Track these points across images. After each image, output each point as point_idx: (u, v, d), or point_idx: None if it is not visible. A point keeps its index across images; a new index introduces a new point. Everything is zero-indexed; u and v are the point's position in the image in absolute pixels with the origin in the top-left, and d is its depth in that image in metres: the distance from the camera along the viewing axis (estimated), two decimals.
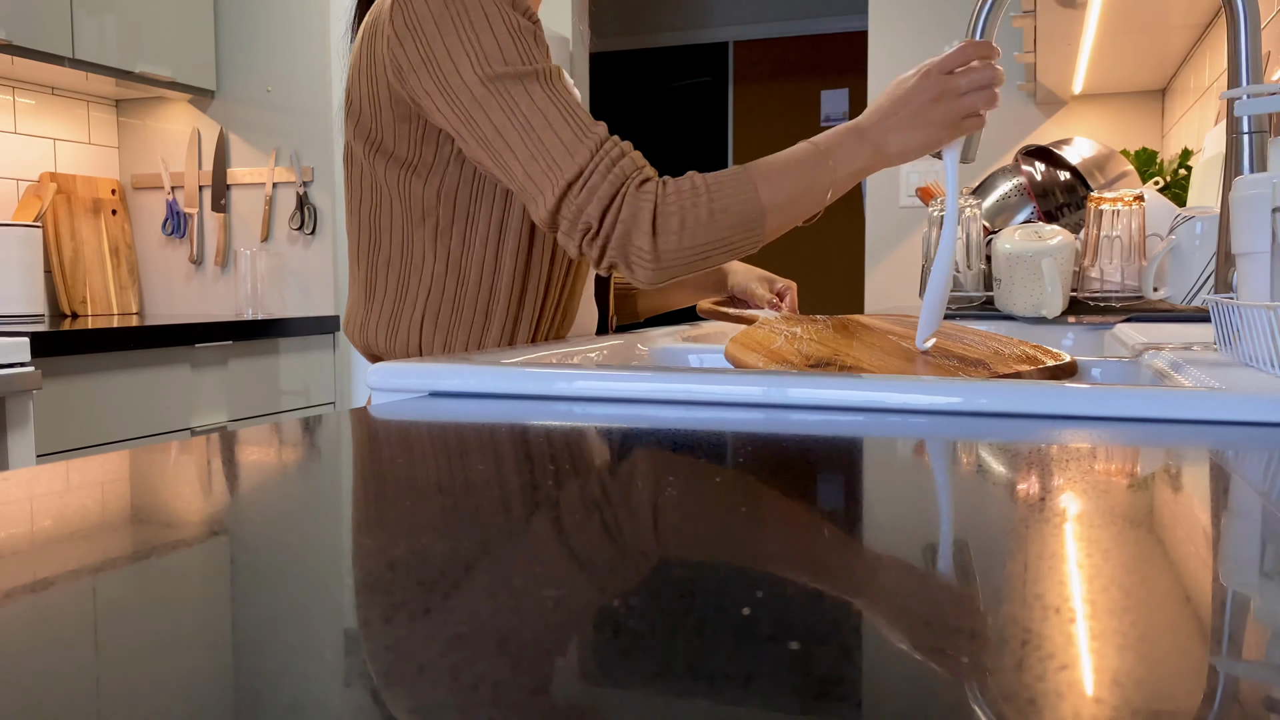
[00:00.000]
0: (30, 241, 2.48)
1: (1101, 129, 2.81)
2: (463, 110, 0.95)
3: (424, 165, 1.03)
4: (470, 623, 0.26)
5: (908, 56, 2.98)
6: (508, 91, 0.94)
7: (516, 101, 0.94)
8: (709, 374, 0.68)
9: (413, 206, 1.05)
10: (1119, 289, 1.44)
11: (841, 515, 0.38)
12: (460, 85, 0.95)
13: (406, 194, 1.05)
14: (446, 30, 0.95)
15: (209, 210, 2.93)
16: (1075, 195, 1.84)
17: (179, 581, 0.30)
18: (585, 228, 0.94)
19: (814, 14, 5.15)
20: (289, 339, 2.67)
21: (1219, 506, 0.39)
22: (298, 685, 0.22)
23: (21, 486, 0.44)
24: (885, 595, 0.28)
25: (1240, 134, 1.03)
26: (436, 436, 0.56)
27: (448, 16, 0.95)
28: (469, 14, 0.95)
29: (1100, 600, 0.27)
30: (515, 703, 0.21)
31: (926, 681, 0.22)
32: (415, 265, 1.06)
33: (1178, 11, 1.97)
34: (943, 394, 0.63)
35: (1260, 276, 0.76)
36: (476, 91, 0.94)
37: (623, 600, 0.28)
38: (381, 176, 1.06)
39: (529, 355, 0.89)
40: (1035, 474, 0.44)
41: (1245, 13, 1.02)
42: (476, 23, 0.95)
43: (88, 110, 2.87)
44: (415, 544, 0.33)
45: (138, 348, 2.22)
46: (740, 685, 0.22)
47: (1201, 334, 1.07)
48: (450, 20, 0.95)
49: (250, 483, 0.45)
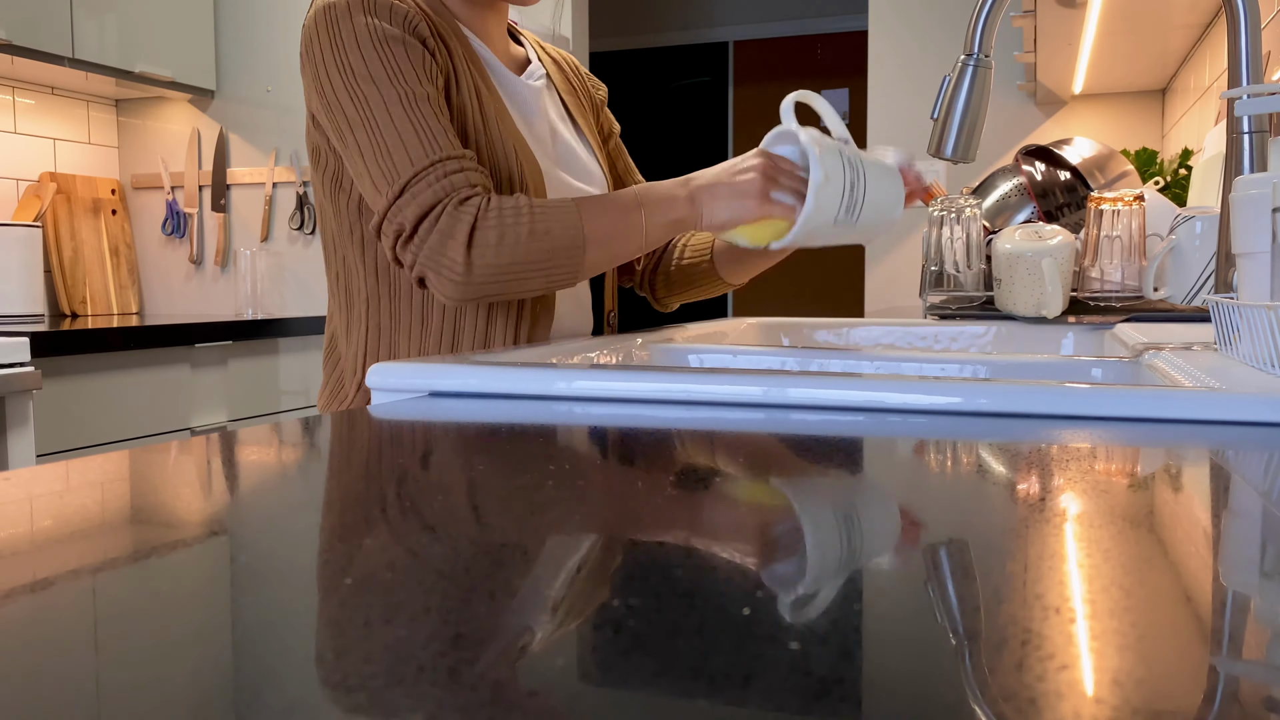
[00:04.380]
0: (30, 241, 2.47)
1: (1101, 129, 2.81)
2: (336, 126, 0.99)
3: (345, 177, 1.06)
4: (470, 623, 0.26)
5: (907, 56, 2.98)
6: (370, 110, 0.97)
7: (376, 119, 0.97)
8: (709, 374, 0.68)
9: (342, 219, 1.08)
10: (1119, 289, 1.44)
11: (841, 516, 0.38)
12: (335, 103, 0.99)
13: (338, 207, 1.08)
14: (326, 49, 0.99)
15: (209, 210, 2.93)
16: (1075, 195, 1.84)
17: (179, 581, 0.30)
18: (398, 230, 0.96)
19: (814, 14, 5.15)
20: (289, 339, 2.67)
21: (1219, 506, 0.39)
22: (298, 685, 0.22)
23: (21, 486, 0.44)
24: (885, 595, 0.28)
25: (1240, 134, 1.03)
26: (436, 436, 0.56)
27: (327, 35, 0.99)
28: (341, 32, 0.99)
29: (1100, 600, 0.27)
30: (515, 703, 0.21)
31: (926, 681, 0.22)
32: (353, 276, 1.09)
33: (1178, 11, 1.97)
34: (943, 394, 0.63)
35: (1260, 276, 0.76)
36: (347, 109, 0.98)
37: (623, 600, 0.28)
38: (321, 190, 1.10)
39: (529, 355, 0.89)
40: (1035, 474, 0.44)
41: (1245, 12, 1.02)
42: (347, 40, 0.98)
43: (88, 110, 2.87)
44: (415, 544, 0.33)
45: (137, 348, 2.22)
46: (740, 685, 0.22)
47: (1201, 334, 1.06)
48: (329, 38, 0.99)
49: (250, 483, 0.45)
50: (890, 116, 3.02)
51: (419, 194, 0.94)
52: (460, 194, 0.95)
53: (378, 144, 0.96)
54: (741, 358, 1.05)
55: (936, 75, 2.96)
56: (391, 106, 0.97)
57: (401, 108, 0.96)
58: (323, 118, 1.01)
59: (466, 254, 0.94)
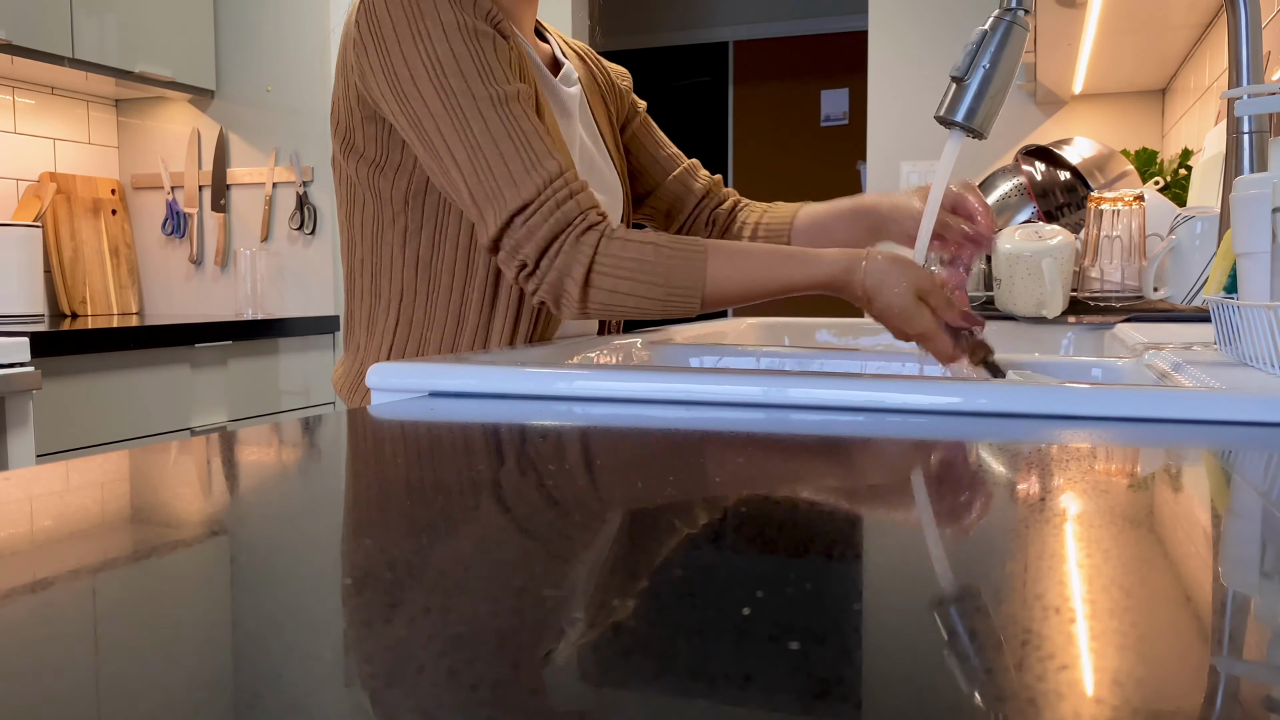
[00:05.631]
0: (30, 241, 2.47)
1: (1101, 129, 2.80)
2: (415, 121, 0.95)
3: (391, 166, 1.03)
4: (470, 622, 0.26)
5: (908, 56, 2.98)
6: (461, 110, 0.93)
7: (469, 122, 0.93)
8: (709, 374, 0.68)
9: (383, 207, 1.05)
10: (1119, 289, 1.44)
11: (841, 516, 0.38)
12: (415, 95, 0.94)
13: (378, 194, 1.05)
14: (404, 37, 0.94)
15: (209, 210, 2.93)
16: (1075, 195, 1.84)
17: (179, 581, 0.30)
18: (521, 264, 0.95)
19: (814, 14, 5.15)
20: (289, 339, 2.67)
21: (1219, 506, 0.39)
22: (298, 685, 0.22)
23: (21, 486, 0.44)
24: (885, 595, 0.28)
25: (1240, 134, 1.03)
26: (436, 436, 0.56)
27: (405, 22, 0.94)
28: (425, 20, 0.94)
29: (1100, 600, 0.27)
30: (515, 703, 0.21)
31: (926, 681, 0.22)
32: (385, 267, 1.06)
33: (1178, 11, 1.97)
34: (943, 394, 0.63)
35: (1260, 276, 0.76)
36: (431, 105, 0.94)
37: (623, 600, 0.28)
38: (355, 176, 1.06)
39: (529, 355, 0.89)
40: (1035, 474, 0.44)
41: (1246, 12, 1.02)
42: (433, 31, 0.94)
43: (88, 110, 2.87)
44: (415, 544, 0.33)
45: (137, 348, 2.22)
46: (740, 685, 0.22)
47: (1201, 334, 1.06)
48: (408, 25, 0.94)
49: (250, 483, 0.45)
50: (890, 116, 3.02)
51: (535, 228, 0.93)
52: (577, 228, 0.93)
53: (474, 153, 0.93)
54: (742, 358, 1.05)
55: (937, 75, 2.96)
56: (484, 109, 0.93)
57: (495, 111, 0.93)
58: (394, 108, 0.96)
59: (583, 291, 0.94)
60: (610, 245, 0.94)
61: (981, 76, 0.97)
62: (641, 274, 0.94)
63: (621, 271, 0.94)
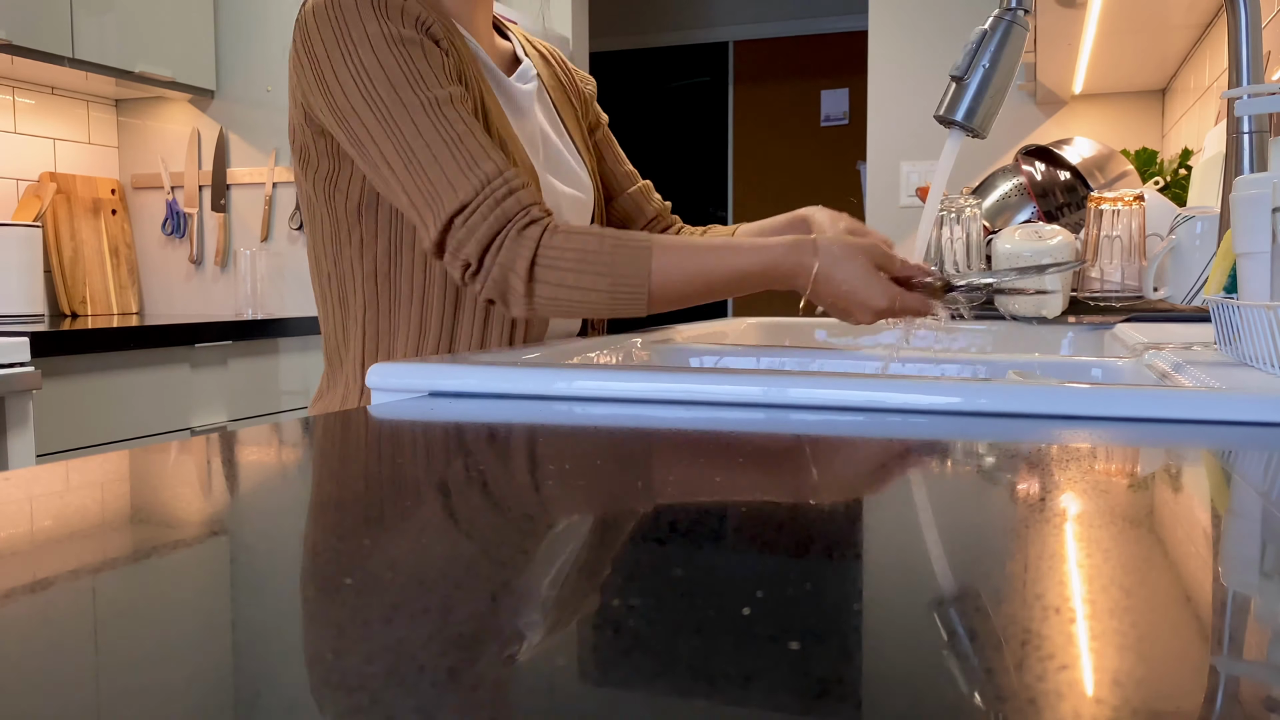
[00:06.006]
0: (30, 241, 2.47)
1: (1101, 129, 2.80)
2: (353, 134, 0.96)
3: (343, 179, 1.03)
4: (470, 622, 0.26)
5: (908, 56, 2.98)
6: (393, 119, 0.94)
7: (401, 130, 0.93)
8: (709, 374, 0.68)
9: (339, 221, 1.06)
10: (1119, 289, 1.44)
11: (841, 515, 0.38)
12: (349, 109, 0.95)
13: (333, 208, 1.05)
14: (333, 53, 0.95)
15: (209, 210, 2.93)
16: (1075, 195, 1.84)
17: (179, 582, 0.30)
18: (465, 264, 0.95)
19: (814, 14, 5.15)
20: (289, 339, 2.67)
21: (1219, 506, 0.39)
22: (298, 685, 0.22)
23: (21, 486, 0.44)
24: (885, 595, 0.28)
25: (1240, 134, 1.03)
26: (436, 436, 0.56)
27: (334, 38, 0.95)
28: (351, 34, 0.94)
29: (1100, 600, 0.27)
30: (515, 702, 0.21)
31: (926, 681, 0.22)
32: (348, 281, 1.07)
33: (1178, 11, 1.97)
34: (943, 394, 0.63)
35: (1260, 276, 0.76)
36: (364, 117, 0.94)
37: (623, 600, 0.28)
38: (312, 192, 1.06)
39: (529, 355, 0.89)
40: (1035, 474, 0.44)
41: (1246, 12, 1.02)
42: (359, 43, 0.94)
43: (87, 110, 2.87)
44: (415, 544, 0.33)
45: (137, 348, 2.22)
46: (740, 685, 0.22)
47: (1201, 334, 1.06)
48: (336, 42, 0.95)
49: (250, 483, 0.45)
50: (890, 116, 3.02)
51: (475, 227, 0.93)
52: (518, 223, 0.93)
53: (409, 159, 0.93)
54: (742, 358, 1.05)
55: (937, 75, 2.96)
56: (416, 115, 0.93)
57: (427, 116, 0.93)
58: (331, 122, 0.97)
59: (528, 284, 0.93)
60: (553, 238, 0.94)
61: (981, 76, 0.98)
62: (586, 266, 0.93)
63: (565, 263, 0.93)
